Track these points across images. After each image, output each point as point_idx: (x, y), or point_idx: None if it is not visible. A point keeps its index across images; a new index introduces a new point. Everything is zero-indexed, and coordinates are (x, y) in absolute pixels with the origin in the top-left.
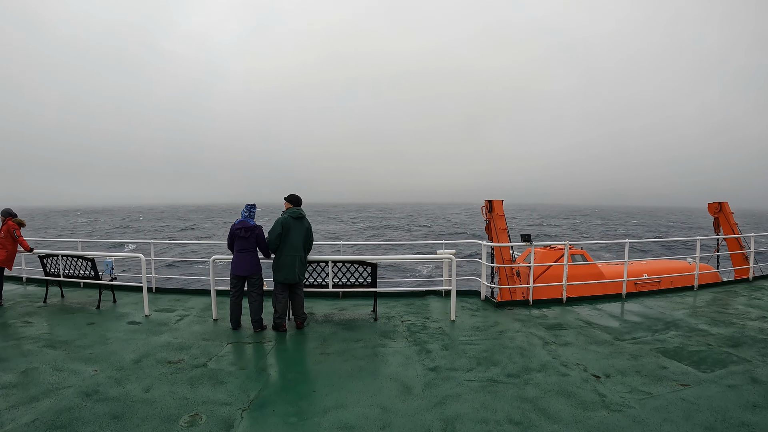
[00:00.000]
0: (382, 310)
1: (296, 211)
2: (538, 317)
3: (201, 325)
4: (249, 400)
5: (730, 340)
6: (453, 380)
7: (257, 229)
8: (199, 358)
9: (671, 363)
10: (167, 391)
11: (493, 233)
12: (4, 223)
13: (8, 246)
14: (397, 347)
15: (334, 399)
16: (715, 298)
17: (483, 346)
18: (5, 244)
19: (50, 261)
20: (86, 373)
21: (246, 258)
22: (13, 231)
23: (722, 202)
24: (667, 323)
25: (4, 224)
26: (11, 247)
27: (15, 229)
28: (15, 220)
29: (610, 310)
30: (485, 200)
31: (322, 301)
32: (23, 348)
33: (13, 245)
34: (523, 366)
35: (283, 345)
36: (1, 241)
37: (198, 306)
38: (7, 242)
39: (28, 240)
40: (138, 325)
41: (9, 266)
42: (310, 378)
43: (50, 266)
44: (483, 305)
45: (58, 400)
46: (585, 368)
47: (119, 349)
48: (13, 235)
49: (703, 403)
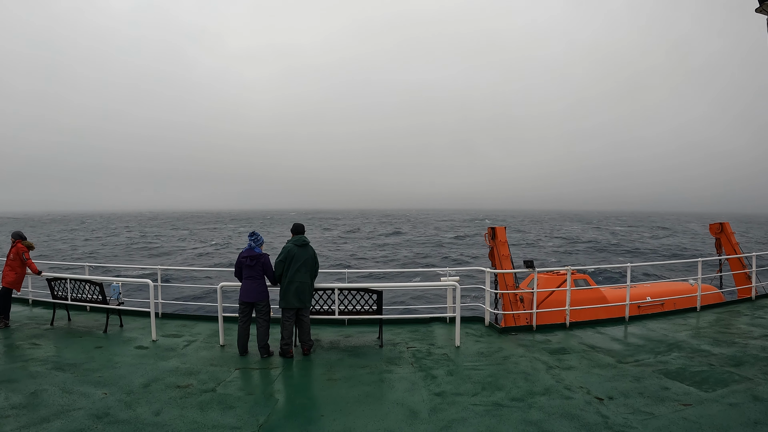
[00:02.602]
0: (388, 337)
1: (300, 239)
2: (542, 342)
3: (209, 351)
4: (258, 425)
5: (733, 360)
6: (458, 405)
7: (263, 258)
8: (208, 383)
9: (673, 384)
10: (177, 415)
11: (496, 260)
12: (14, 246)
13: (17, 268)
14: (402, 373)
15: (342, 424)
16: (718, 318)
17: (487, 371)
18: (14, 266)
19: (58, 284)
20: (96, 396)
21: (253, 285)
22: (22, 254)
23: (723, 222)
24: (670, 345)
25: (14, 246)
26: (20, 270)
27: (24, 252)
28: (24, 243)
29: (613, 334)
30: (488, 227)
31: (328, 328)
32: (31, 369)
33: (22, 268)
34: (527, 390)
35: (290, 371)
36: (11, 263)
37: (205, 332)
38: (16, 264)
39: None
40: (146, 350)
41: (18, 288)
42: (317, 403)
43: (58, 289)
44: (487, 331)
45: (69, 421)
46: (588, 391)
47: (128, 373)
48: (22, 257)
49: (705, 421)
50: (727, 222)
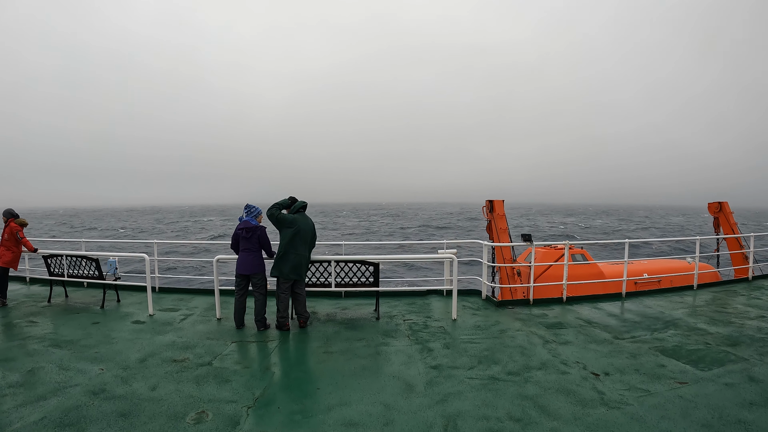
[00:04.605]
0: (384, 310)
1: (300, 204)
2: (539, 316)
3: (205, 325)
4: (254, 398)
5: (729, 339)
6: (454, 378)
7: (259, 230)
8: (204, 357)
9: (669, 361)
10: (173, 390)
11: (494, 233)
12: (7, 225)
13: (12, 247)
14: (399, 346)
15: (338, 397)
16: (715, 297)
17: (484, 345)
18: (9, 245)
19: (54, 261)
20: (92, 372)
21: (249, 258)
22: (16, 233)
23: (722, 202)
24: (666, 322)
25: (7, 226)
26: (16, 249)
27: (18, 230)
28: (17, 221)
29: (610, 310)
30: (486, 200)
31: (325, 301)
32: (29, 347)
33: (17, 246)
34: (523, 364)
35: (286, 344)
36: (6, 243)
37: (201, 305)
38: (11, 243)
39: (30, 240)
40: (142, 325)
41: (14, 267)
42: (313, 376)
43: (54, 266)
44: (484, 304)
45: (66, 398)
46: (584, 366)
47: (124, 349)
48: (17, 236)
49: (701, 400)
50: (725, 201)
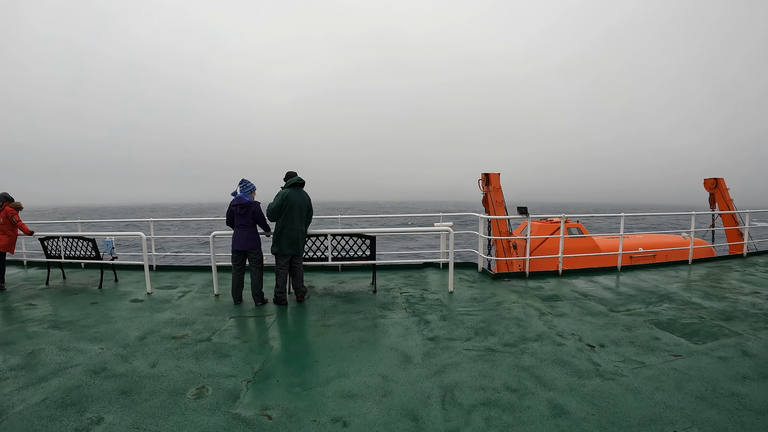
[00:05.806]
0: (381, 283)
1: (296, 179)
2: (535, 289)
3: (203, 301)
4: (253, 372)
5: (723, 314)
6: (451, 350)
7: (253, 206)
8: (203, 333)
9: (664, 334)
10: (173, 366)
11: (490, 206)
12: (2, 209)
13: (8, 231)
14: (396, 318)
15: (336, 369)
16: (709, 272)
17: (480, 317)
18: (5, 229)
19: (51, 243)
20: (93, 352)
21: (245, 234)
22: (11, 216)
23: (718, 178)
24: (661, 296)
25: (2, 210)
26: (12, 233)
27: (13, 214)
28: (12, 204)
29: (605, 283)
30: (482, 173)
31: (322, 275)
32: (28, 330)
33: (13, 230)
34: (519, 336)
35: (284, 318)
36: (1, 227)
37: (199, 282)
38: (6, 227)
39: (26, 223)
40: (141, 303)
41: (11, 250)
42: (312, 350)
43: (51, 248)
44: (480, 277)
45: (67, 379)
46: (580, 338)
47: (124, 327)
48: (12, 220)
49: (695, 373)
50: (722, 177)
